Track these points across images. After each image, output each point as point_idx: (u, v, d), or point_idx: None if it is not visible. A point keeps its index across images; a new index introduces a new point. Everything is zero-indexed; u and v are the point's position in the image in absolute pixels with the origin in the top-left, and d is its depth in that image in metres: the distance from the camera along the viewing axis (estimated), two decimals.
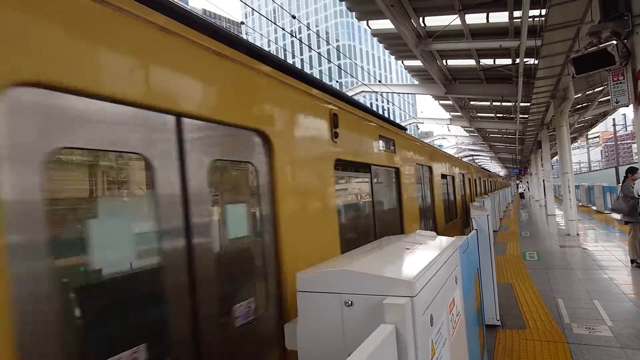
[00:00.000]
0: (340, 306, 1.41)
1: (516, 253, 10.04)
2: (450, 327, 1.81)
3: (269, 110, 2.61)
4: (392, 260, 1.69)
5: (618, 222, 14.16)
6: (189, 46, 1.98)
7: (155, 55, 1.80)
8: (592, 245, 10.33)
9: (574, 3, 6.43)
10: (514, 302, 6.04)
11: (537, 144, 24.36)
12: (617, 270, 7.51)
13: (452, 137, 35.42)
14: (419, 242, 2.18)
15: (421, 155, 7.36)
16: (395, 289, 1.32)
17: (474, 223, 4.95)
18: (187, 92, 1.95)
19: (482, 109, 20.12)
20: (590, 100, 16.48)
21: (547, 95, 12.84)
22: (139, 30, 1.72)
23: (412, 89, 18.03)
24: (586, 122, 24.03)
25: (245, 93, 2.38)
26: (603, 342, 4.38)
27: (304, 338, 1.49)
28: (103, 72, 1.55)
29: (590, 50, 5.42)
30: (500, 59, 12.38)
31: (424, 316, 1.40)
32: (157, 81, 1.79)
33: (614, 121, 42.98)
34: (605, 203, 18.18)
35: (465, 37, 10.54)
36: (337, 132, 3.59)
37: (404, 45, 11.13)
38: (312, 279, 1.48)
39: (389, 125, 5.48)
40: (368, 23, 10.91)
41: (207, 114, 2.08)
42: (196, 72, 2.02)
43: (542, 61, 9.18)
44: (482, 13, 9.47)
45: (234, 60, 2.30)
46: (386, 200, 5.58)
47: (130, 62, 1.67)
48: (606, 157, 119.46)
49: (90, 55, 1.50)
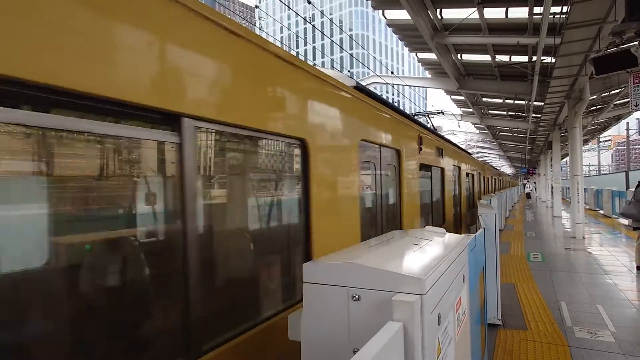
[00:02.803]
0: (347, 300, 1.38)
1: (520, 253, 9.98)
2: (456, 327, 1.77)
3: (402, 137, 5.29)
4: (401, 256, 1.65)
5: (625, 228, 14.00)
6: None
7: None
8: (598, 250, 10.23)
9: (597, 1, 6.24)
10: (516, 303, 6.00)
11: (547, 145, 24.06)
12: (622, 276, 7.43)
13: (461, 133, 35.06)
14: (428, 238, 2.13)
15: (456, 158, 9.98)
16: (405, 285, 1.28)
17: (481, 221, 4.89)
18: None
19: (494, 106, 19.85)
20: (606, 103, 16.17)
21: (561, 96, 12.60)
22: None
23: (424, 82, 17.80)
24: (599, 125, 23.64)
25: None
26: (605, 348, 4.34)
27: (308, 330, 1.47)
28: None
29: (612, 51, 5.27)
30: (516, 56, 12.14)
31: (432, 315, 1.36)
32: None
33: (627, 125, 42.28)
34: (614, 208, 17.96)
35: (483, 32, 10.33)
36: (421, 148, 6.18)
37: (419, 37, 10.96)
38: (320, 270, 1.44)
39: (441, 139, 8.37)
40: (384, 13, 10.73)
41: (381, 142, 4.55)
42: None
43: (559, 60, 8.97)
44: (501, 8, 9.26)
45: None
46: (438, 191, 8.05)
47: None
48: (617, 161, 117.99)
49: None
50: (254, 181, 2.57)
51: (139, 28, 1.57)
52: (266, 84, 2.35)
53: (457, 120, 24.60)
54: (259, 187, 2.62)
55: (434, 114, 27.53)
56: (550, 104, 13.90)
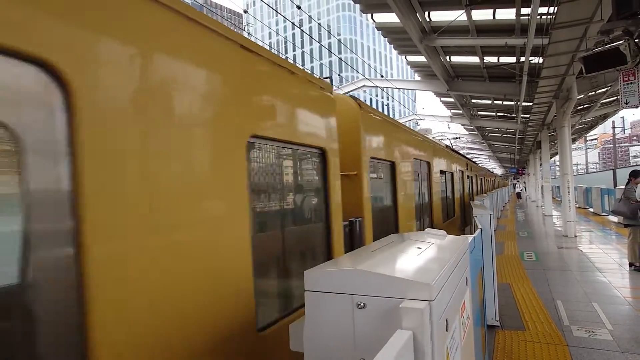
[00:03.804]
0: (352, 308, 1.32)
1: (514, 253, 10.02)
2: (461, 332, 1.72)
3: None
4: (405, 261, 1.60)
5: (615, 225, 14.16)
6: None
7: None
8: (589, 248, 10.31)
9: (584, 0, 6.31)
10: (513, 303, 5.99)
11: (536, 144, 24.33)
12: (615, 273, 7.48)
13: (451, 135, 35.34)
14: (429, 241, 2.09)
15: (461, 164, 11.43)
16: (413, 292, 1.23)
17: (476, 222, 4.87)
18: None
19: (483, 107, 20.04)
20: (593, 102, 16.41)
21: (550, 95, 12.75)
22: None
23: (414, 85, 17.90)
24: (586, 124, 24.00)
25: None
26: (603, 346, 4.33)
27: (311, 340, 1.40)
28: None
29: (601, 49, 5.32)
30: (504, 57, 12.27)
31: (440, 321, 1.31)
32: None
33: (613, 124, 43.02)
34: (603, 205, 18.18)
35: (471, 33, 10.42)
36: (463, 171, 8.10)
37: (408, 40, 11.00)
38: (322, 278, 1.38)
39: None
40: (372, 16, 10.76)
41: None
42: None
43: (547, 60, 9.06)
44: (489, 9, 9.34)
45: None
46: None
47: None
48: (603, 159, 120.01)
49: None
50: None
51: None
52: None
53: (446, 122, 24.78)
54: None
55: (452, 139, 28.32)
56: (539, 104, 14.05)
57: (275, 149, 2.50)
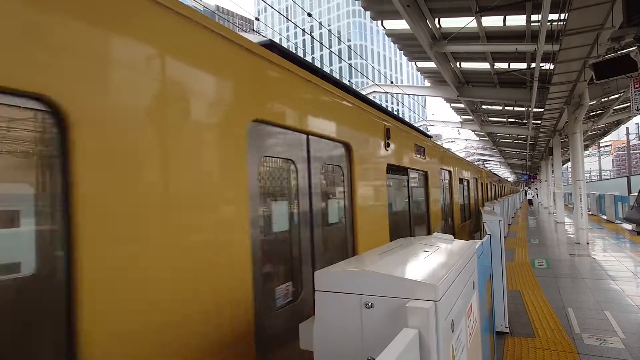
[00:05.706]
0: (360, 307, 1.37)
1: (525, 260, 9.92)
2: (467, 334, 1.76)
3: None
4: (412, 263, 1.64)
5: (629, 233, 13.93)
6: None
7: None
8: (602, 255, 10.17)
9: (595, 7, 6.30)
10: (523, 310, 5.95)
11: (548, 151, 24.08)
12: (628, 281, 7.37)
13: (461, 141, 35.15)
14: (437, 245, 2.13)
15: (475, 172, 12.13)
16: (419, 292, 1.28)
17: (486, 228, 4.87)
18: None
19: (493, 113, 19.93)
20: (605, 108, 16.23)
21: (561, 102, 12.66)
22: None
23: (424, 91, 17.89)
24: (599, 130, 23.70)
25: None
26: (615, 355, 4.29)
27: (320, 338, 1.45)
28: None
29: (612, 56, 5.30)
30: (514, 63, 12.23)
31: (446, 321, 1.35)
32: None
33: (627, 130, 42.35)
34: (617, 213, 17.89)
35: (481, 40, 10.42)
36: (477, 178, 7.85)
37: (418, 47, 11.04)
38: (332, 278, 1.44)
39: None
40: (382, 23, 10.84)
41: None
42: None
43: (558, 66, 9.03)
44: (499, 16, 9.35)
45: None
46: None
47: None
48: (617, 166, 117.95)
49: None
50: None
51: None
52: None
53: (457, 128, 24.68)
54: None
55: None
56: (550, 110, 13.95)
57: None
